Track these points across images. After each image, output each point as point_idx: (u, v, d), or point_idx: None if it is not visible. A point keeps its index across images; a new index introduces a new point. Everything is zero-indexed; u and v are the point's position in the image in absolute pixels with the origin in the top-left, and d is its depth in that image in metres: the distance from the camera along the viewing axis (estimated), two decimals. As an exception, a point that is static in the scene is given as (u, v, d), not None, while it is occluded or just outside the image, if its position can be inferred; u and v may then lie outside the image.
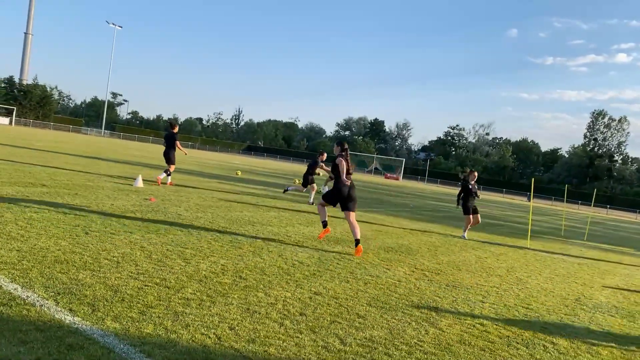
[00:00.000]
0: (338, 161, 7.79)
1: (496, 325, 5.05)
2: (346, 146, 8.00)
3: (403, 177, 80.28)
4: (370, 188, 32.37)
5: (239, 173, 24.17)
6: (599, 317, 6.08)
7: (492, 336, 4.67)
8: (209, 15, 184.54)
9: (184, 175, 18.68)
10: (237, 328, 3.91)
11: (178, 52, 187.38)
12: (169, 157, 13.66)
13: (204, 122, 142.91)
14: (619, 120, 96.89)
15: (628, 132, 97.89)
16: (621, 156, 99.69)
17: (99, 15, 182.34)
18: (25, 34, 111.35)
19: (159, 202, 10.24)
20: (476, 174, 11.98)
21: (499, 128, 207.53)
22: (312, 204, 14.39)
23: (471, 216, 11.88)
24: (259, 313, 4.33)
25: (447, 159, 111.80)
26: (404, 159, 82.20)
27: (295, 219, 10.68)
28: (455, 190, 61.70)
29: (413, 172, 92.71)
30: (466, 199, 11.82)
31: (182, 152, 14.83)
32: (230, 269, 5.68)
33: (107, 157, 23.72)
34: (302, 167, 51.79)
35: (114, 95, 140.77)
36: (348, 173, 7.83)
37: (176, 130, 13.83)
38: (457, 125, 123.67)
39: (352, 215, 7.82)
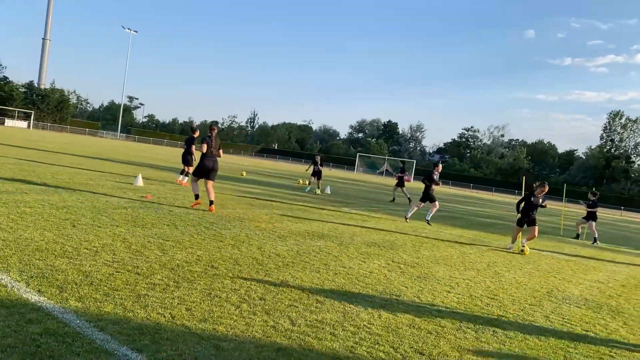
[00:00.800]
0: (205, 141, 9.87)
1: (452, 312, 5.25)
2: (213, 128, 10.31)
3: (417, 179, 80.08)
4: (377, 189, 32.49)
5: (244, 174, 24.55)
6: (564, 308, 6.22)
7: (444, 321, 4.88)
8: (225, 19, 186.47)
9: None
10: (193, 309, 4.19)
11: (194, 56, 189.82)
12: (185, 159, 14.62)
13: (220, 125, 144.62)
14: (636, 121, 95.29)
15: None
16: (639, 157, 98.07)
17: (116, 20, 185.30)
18: (43, 39, 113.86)
19: (154, 199, 10.60)
20: (547, 188, 10.87)
21: (516, 130, 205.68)
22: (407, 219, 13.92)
23: (525, 227, 10.87)
24: (219, 297, 4.61)
25: (461, 161, 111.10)
26: (415, 161, 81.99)
27: (286, 217, 10.95)
28: (463, 191, 61.31)
29: (428, 174, 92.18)
30: (525, 210, 10.83)
31: (194, 156, 15.31)
32: (204, 259, 5.97)
33: (115, 159, 24.30)
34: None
35: (131, 99, 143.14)
36: (210, 149, 9.96)
37: (196, 134, 14.40)
38: (472, 127, 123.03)
39: (210, 183, 10.09)
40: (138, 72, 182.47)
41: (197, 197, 10.26)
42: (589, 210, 16.11)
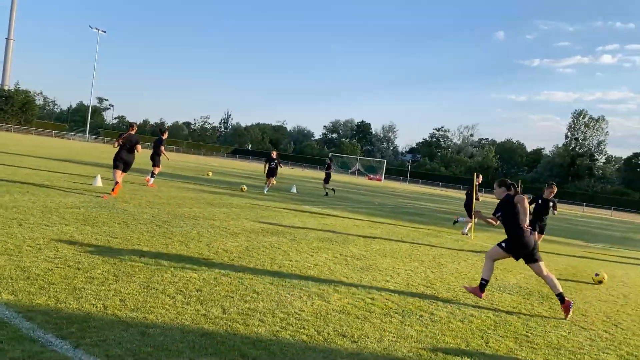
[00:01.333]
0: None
1: (385, 299, 5.53)
2: (132, 126, 11.74)
3: (388, 178, 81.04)
4: (348, 188, 32.85)
5: (210, 174, 24.57)
6: (496, 295, 6.59)
7: (375, 307, 5.15)
8: (198, 20, 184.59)
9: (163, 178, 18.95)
10: (127, 300, 4.34)
11: (165, 57, 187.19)
12: (153, 160, 14.78)
13: (193, 126, 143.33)
14: (598, 120, 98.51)
15: (607, 132, 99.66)
16: (603, 155, 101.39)
17: (84, 20, 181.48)
18: (7, 39, 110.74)
19: (111, 199, 10.62)
20: (555, 189, 10.27)
21: (489, 130, 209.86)
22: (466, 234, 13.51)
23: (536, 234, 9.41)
24: (156, 289, 4.77)
25: (431, 160, 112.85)
26: (386, 160, 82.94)
27: (244, 215, 11.12)
28: (435, 190, 62.35)
29: (399, 173, 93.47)
30: (535, 216, 10.13)
31: (165, 157, 15.45)
32: (150, 255, 6.10)
33: (79, 160, 23.96)
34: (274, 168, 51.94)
35: (100, 100, 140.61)
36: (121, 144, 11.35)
37: (165, 136, 14.96)
38: (442, 127, 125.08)
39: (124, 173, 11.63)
40: (108, 73, 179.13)
41: (117, 183, 11.24)
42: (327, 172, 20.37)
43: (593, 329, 5.53)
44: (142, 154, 12.95)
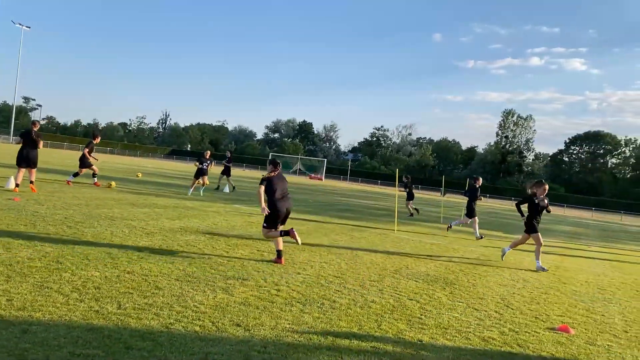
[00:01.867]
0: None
1: (292, 290, 5.69)
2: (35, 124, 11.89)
3: (330, 177, 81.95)
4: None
5: (140, 175, 23.93)
6: (402, 282, 6.92)
7: (278, 298, 5.29)
8: (132, 15, 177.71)
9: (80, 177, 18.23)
10: (15, 299, 4.23)
11: (98, 55, 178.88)
12: (82, 162, 15.37)
13: (129, 127, 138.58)
14: (526, 119, 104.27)
15: (534, 130, 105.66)
16: (531, 152, 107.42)
17: (6, 15, 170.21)
18: None
19: (23, 202, 10.15)
20: (546, 187, 9.96)
21: (429, 129, 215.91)
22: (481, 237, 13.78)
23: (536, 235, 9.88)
24: (51, 288, 4.67)
25: (372, 159, 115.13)
26: (326, 160, 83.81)
27: (166, 215, 10.96)
28: (373, 188, 63.68)
29: (341, 172, 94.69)
30: (531, 216, 9.86)
31: (93, 160, 15.70)
32: (52, 255, 5.93)
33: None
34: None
35: (26, 99, 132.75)
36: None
37: (97, 140, 15.65)
38: (382, 127, 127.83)
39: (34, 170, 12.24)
40: (36, 72, 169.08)
41: (17, 185, 11.76)
42: (407, 191, 20.55)
43: (485, 310, 5.94)
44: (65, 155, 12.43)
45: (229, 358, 3.58)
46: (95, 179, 15.97)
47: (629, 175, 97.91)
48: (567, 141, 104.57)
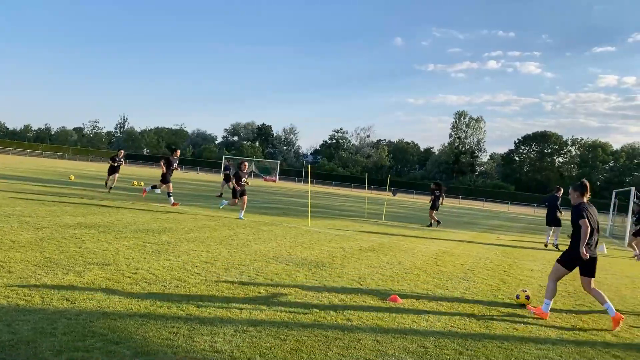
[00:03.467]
0: None
1: (149, 274, 6.10)
2: None
3: (287, 179, 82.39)
4: (215, 187, 33.10)
5: (72, 177, 23.79)
6: (271, 266, 7.43)
7: (128, 279, 5.69)
8: (83, 14, 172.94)
9: (9, 181, 18.05)
10: None
11: (49, 58, 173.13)
12: (164, 178, 15.21)
13: (85, 131, 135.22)
14: (477, 120, 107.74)
15: (484, 130, 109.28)
16: (483, 152, 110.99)
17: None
18: None
19: None
20: (562, 191, 14.45)
21: (391, 132, 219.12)
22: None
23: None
24: None
25: (330, 161, 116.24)
26: (279, 161, 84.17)
27: (71, 212, 11.15)
28: (325, 189, 64.47)
29: (300, 174, 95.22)
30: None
31: None
32: None
33: None
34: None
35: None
36: None
37: (177, 155, 15.94)
38: (341, 129, 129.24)
39: None
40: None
41: None
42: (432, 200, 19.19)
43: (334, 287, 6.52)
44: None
45: (35, 325, 3.97)
46: (172, 198, 15.06)
47: (574, 174, 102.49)
48: (517, 141, 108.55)
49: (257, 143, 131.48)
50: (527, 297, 6.63)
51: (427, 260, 9.69)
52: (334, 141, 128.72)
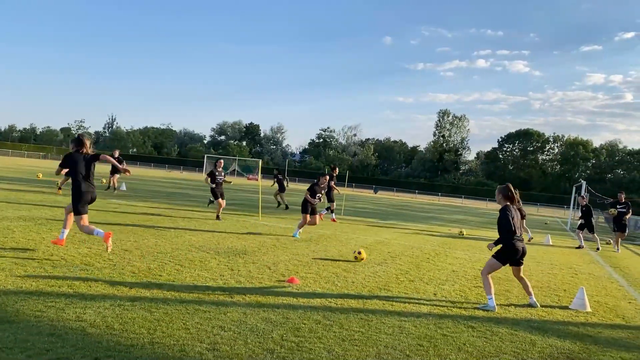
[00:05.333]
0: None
1: (70, 259, 6.52)
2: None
3: (271, 178, 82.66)
4: (185, 186, 33.43)
5: (40, 176, 24.09)
6: (191, 253, 7.87)
7: (33, 262, 6.11)
8: (70, 16, 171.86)
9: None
10: None
11: (34, 58, 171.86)
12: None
13: (72, 131, 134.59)
14: (460, 118, 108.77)
15: (468, 129, 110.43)
16: (466, 150, 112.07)
17: None
18: None
19: None
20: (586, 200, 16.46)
21: (379, 130, 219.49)
22: None
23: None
24: None
25: (317, 159, 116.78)
26: (260, 160, 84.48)
27: (14, 207, 11.50)
28: (305, 186, 64.93)
29: (289, 174, 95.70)
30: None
31: None
32: None
33: None
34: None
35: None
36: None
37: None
38: (328, 128, 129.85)
39: None
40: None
41: None
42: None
43: (243, 270, 6.97)
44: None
45: None
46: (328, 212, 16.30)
47: (556, 170, 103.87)
48: (500, 139, 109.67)
49: (245, 142, 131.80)
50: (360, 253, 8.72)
51: (356, 249, 10.17)
52: (321, 140, 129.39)
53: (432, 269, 8.91)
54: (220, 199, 13.39)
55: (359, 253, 8.80)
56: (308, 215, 11.23)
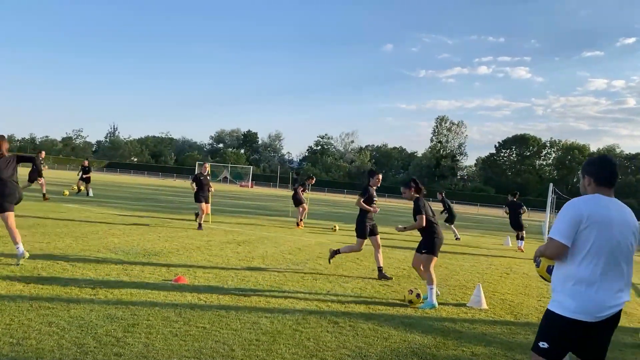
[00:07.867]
0: None
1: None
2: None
3: (268, 186, 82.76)
4: (163, 191, 33.45)
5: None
6: (106, 254, 7.79)
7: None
8: (70, 22, 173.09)
9: None
10: None
11: (34, 67, 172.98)
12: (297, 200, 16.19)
13: (74, 140, 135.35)
14: (458, 124, 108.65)
15: (466, 135, 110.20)
16: (464, 156, 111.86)
17: None
18: None
19: None
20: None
21: (380, 137, 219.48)
22: None
23: None
24: None
25: (314, 166, 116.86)
26: (252, 167, 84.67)
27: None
28: (290, 192, 64.97)
29: (284, 180, 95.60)
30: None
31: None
32: None
33: None
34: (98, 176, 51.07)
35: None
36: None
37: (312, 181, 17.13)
38: (326, 134, 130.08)
39: None
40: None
41: None
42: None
43: (167, 266, 6.89)
44: None
45: None
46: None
47: (553, 174, 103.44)
48: (497, 145, 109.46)
49: (242, 150, 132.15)
50: (418, 296, 6.36)
51: (283, 249, 10.08)
52: (319, 147, 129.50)
53: (354, 267, 8.80)
54: (204, 203, 12.56)
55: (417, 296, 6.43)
56: (204, 204, 12.31)
